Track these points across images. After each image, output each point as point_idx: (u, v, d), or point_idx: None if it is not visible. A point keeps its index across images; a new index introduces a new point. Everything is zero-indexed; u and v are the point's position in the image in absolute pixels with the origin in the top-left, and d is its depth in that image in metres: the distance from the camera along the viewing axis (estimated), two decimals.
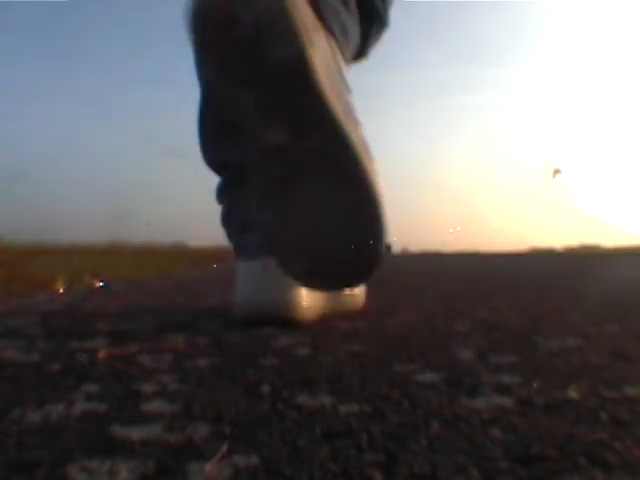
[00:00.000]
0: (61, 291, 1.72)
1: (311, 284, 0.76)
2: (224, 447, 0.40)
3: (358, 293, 1.15)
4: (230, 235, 0.90)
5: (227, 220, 0.87)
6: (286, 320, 0.85)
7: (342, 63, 0.68)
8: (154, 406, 0.51)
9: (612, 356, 0.75)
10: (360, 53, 0.84)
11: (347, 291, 1.03)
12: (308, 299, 0.81)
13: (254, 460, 0.38)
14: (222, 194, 0.88)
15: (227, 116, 0.65)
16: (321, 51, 0.54)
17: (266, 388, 0.57)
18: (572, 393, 0.56)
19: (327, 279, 0.75)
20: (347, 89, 0.68)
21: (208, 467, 0.37)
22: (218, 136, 0.75)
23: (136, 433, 0.43)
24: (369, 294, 1.28)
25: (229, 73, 0.54)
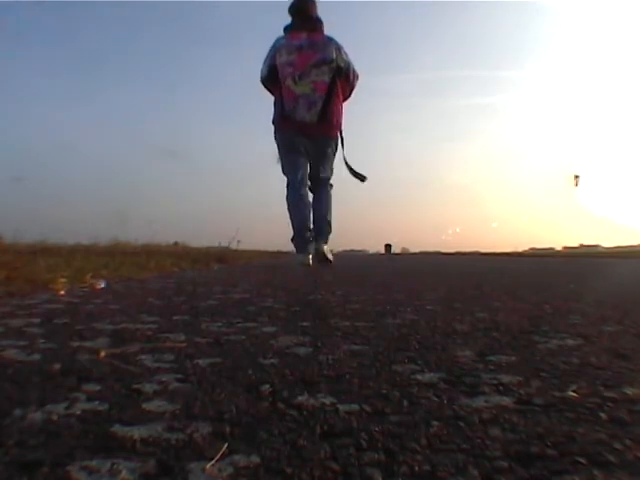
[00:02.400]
0: (62, 292, 1.72)
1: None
2: (224, 446, 0.40)
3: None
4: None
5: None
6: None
7: None
8: (155, 405, 0.51)
9: (612, 356, 0.75)
10: None
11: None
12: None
13: (255, 459, 0.38)
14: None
15: None
16: None
17: (266, 388, 0.57)
18: (572, 393, 0.56)
19: None
20: None
21: (209, 466, 0.37)
22: None
23: (137, 432, 0.43)
24: (369, 294, 1.28)
25: None
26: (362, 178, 3.90)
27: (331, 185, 3.89)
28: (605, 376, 0.63)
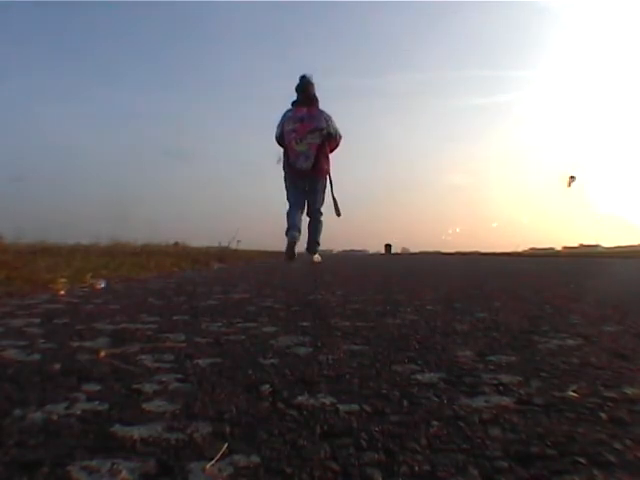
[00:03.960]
0: (62, 292, 1.72)
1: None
2: (224, 446, 0.40)
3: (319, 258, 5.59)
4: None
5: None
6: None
7: None
8: (155, 405, 0.51)
9: (612, 356, 0.75)
10: None
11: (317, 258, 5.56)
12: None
13: (255, 459, 0.38)
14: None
15: None
16: None
17: (266, 388, 0.57)
18: (572, 393, 0.56)
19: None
20: None
21: (209, 466, 0.37)
22: None
23: (137, 432, 0.43)
24: (369, 294, 1.28)
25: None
26: (338, 213, 5.53)
27: (321, 213, 5.53)
28: (605, 376, 0.63)
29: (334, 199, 5.50)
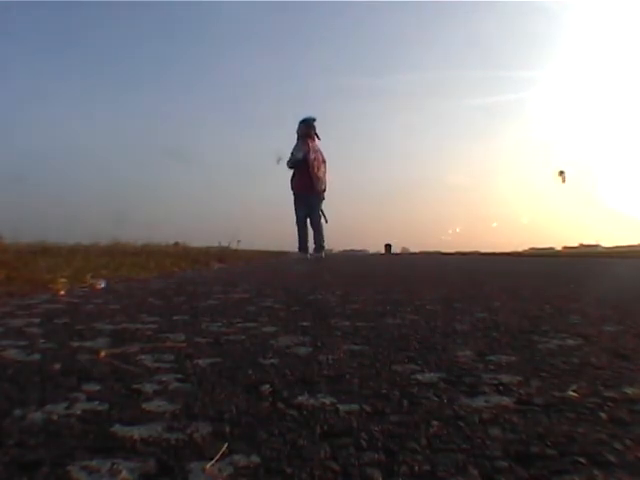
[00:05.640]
0: (62, 292, 1.72)
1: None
2: (224, 446, 0.40)
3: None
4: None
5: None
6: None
7: None
8: (155, 405, 0.51)
9: (612, 356, 0.75)
10: None
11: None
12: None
13: (255, 459, 0.38)
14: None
15: None
16: None
17: (266, 388, 0.57)
18: (572, 393, 0.56)
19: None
20: None
21: (209, 466, 0.37)
22: None
23: (137, 432, 0.43)
24: (369, 294, 1.28)
25: None
26: (326, 220, 6.98)
27: (319, 216, 7.02)
28: (605, 376, 0.63)
29: (322, 211, 6.93)
